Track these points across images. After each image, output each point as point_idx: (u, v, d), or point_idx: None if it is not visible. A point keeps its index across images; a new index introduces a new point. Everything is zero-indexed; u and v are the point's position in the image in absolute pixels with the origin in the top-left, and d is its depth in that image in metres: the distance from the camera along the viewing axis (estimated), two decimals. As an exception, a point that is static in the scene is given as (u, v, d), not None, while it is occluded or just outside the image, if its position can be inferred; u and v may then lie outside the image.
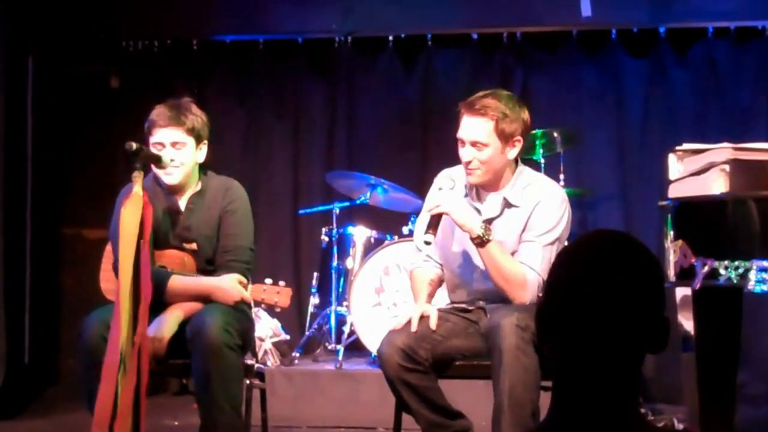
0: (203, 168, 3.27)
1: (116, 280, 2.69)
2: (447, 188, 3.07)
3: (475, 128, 3.00)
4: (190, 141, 3.16)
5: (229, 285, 3.08)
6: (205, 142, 3.23)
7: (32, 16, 5.20)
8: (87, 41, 5.57)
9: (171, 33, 5.67)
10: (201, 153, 3.22)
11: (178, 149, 3.14)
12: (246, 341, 3.13)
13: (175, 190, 3.21)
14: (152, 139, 3.13)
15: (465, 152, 3.04)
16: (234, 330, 2.96)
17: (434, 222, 2.99)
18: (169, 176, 3.15)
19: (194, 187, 3.24)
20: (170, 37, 5.68)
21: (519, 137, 3.02)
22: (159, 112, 3.16)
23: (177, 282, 3.08)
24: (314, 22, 5.62)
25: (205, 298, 3.07)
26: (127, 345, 2.59)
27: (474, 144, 3.00)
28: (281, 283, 3.14)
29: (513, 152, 3.04)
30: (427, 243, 3.00)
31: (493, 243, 2.96)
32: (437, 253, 3.22)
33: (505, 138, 3.00)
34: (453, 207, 2.99)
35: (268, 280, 3.13)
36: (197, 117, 3.19)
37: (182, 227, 3.19)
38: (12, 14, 5.01)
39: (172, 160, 3.11)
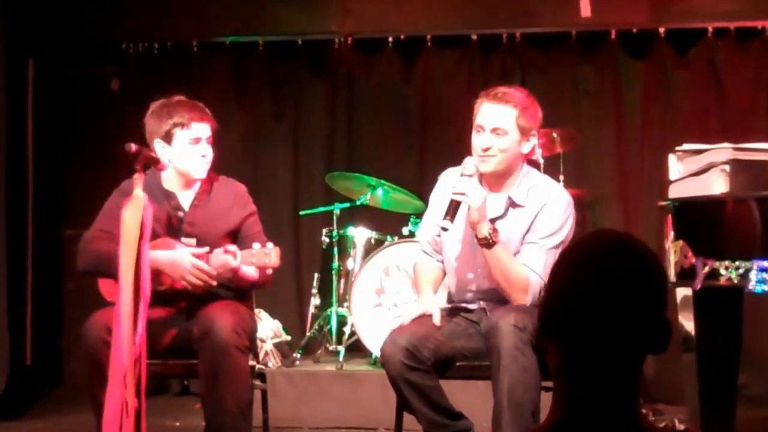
0: None
1: (115, 283, 2.68)
2: (468, 175, 2.98)
3: (498, 114, 3.00)
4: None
5: (182, 258, 2.99)
6: None
7: (32, 18, 5.20)
8: (87, 43, 5.57)
9: (171, 34, 5.67)
10: None
11: (208, 144, 3.17)
12: (251, 342, 3.12)
13: (183, 186, 3.21)
14: (188, 134, 3.11)
15: (483, 138, 3.01)
16: (243, 331, 2.96)
17: (453, 209, 2.93)
18: (202, 171, 3.17)
19: (197, 183, 3.23)
20: (170, 39, 5.67)
21: (535, 133, 3.04)
22: (186, 105, 3.15)
23: None
24: (314, 23, 5.62)
25: (157, 274, 2.92)
26: (128, 345, 2.59)
27: (495, 130, 2.99)
28: (269, 244, 3.00)
29: (527, 147, 3.04)
30: (444, 229, 2.96)
31: (499, 246, 2.95)
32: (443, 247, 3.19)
33: (523, 131, 3.01)
34: (476, 201, 2.93)
35: (256, 245, 3.02)
36: None
37: (186, 222, 3.18)
38: (12, 16, 5.00)
39: (203, 156, 3.14)
